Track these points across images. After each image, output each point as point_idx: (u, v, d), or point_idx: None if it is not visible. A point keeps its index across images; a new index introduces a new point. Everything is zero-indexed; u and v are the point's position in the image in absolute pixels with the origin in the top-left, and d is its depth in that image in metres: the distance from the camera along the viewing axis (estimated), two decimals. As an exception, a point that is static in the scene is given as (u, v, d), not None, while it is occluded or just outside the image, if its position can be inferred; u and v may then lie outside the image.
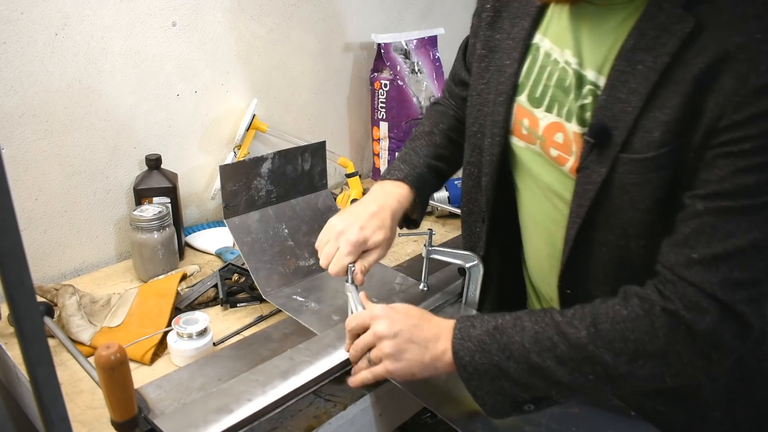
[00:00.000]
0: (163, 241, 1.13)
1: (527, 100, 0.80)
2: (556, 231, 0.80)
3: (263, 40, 1.42)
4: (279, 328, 0.95)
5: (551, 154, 0.77)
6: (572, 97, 0.74)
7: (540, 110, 0.78)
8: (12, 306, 0.38)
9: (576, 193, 0.74)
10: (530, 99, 0.80)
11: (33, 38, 1.06)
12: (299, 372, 0.81)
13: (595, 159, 0.70)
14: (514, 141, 0.84)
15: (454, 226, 1.42)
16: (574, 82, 0.73)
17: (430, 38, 1.72)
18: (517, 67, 0.81)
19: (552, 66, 0.77)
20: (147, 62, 1.22)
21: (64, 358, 0.92)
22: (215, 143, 1.40)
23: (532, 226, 0.88)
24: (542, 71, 0.78)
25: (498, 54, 0.84)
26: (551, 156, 0.77)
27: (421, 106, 1.64)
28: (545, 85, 0.77)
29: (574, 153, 0.74)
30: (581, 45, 0.73)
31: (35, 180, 1.13)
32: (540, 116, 0.78)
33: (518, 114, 0.82)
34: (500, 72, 0.83)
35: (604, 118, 0.69)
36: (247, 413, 0.73)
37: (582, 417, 0.79)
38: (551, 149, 0.77)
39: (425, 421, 1.64)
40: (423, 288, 1.01)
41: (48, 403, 0.42)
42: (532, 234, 0.88)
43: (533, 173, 0.82)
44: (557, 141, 0.76)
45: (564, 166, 0.76)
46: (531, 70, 0.80)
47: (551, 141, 0.77)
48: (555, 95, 0.76)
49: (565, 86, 0.75)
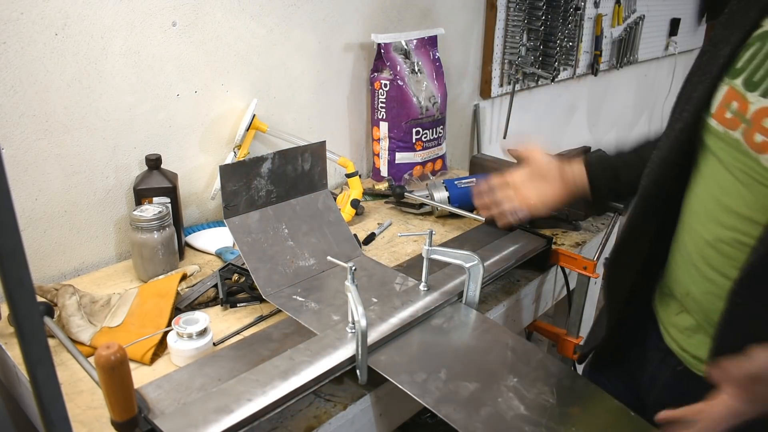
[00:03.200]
0: (163, 241, 1.13)
1: (742, 84, 0.76)
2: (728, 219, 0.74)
3: (263, 40, 1.42)
4: (279, 328, 0.95)
5: (755, 140, 0.73)
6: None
7: (754, 94, 0.74)
8: (12, 306, 0.38)
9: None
10: (746, 83, 0.76)
11: (33, 38, 1.06)
12: (299, 372, 0.80)
13: None
14: (712, 124, 0.79)
15: (454, 226, 1.42)
16: None
17: (430, 38, 1.72)
18: (731, 49, 0.77)
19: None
20: (147, 62, 1.22)
21: (64, 358, 0.92)
22: (215, 143, 1.40)
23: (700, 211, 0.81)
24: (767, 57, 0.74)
25: (719, 45, 0.81)
26: (754, 142, 0.73)
27: (421, 106, 1.64)
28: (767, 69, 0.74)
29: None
30: None
31: (35, 180, 1.13)
32: (753, 100, 0.74)
33: (728, 96, 0.78)
34: (715, 57, 0.80)
35: None
36: (247, 413, 0.73)
37: (582, 417, 0.79)
38: (756, 134, 0.73)
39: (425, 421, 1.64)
40: (423, 288, 1.01)
41: (48, 403, 0.42)
42: (693, 221, 0.82)
43: (722, 160, 0.78)
44: (765, 126, 0.72)
45: (765, 154, 0.71)
46: (755, 55, 0.76)
47: (759, 126, 0.72)
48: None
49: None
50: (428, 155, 1.71)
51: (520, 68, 2.22)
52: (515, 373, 0.85)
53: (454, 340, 0.94)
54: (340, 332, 0.89)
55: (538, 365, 0.88)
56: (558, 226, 1.42)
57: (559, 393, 0.82)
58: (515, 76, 2.24)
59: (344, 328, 0.89)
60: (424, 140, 1.68)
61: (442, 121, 1.73)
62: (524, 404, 0.80)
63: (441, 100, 1.71)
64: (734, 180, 0.76)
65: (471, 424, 0.76)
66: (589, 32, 2.56)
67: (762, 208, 0.71)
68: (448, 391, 0.81)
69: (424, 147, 1.69)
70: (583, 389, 0.85)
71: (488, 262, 1.11)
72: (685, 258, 0.84)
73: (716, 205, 0.78)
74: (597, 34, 2.61)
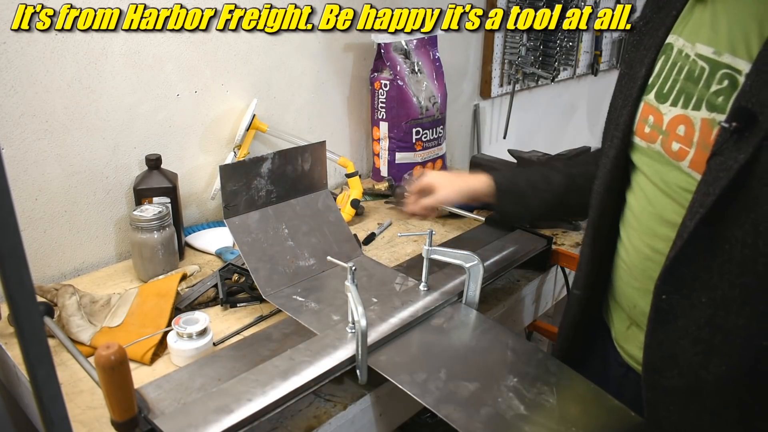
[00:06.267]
0: (163, 241, 1.13)
1: (655, 97, 0.80)
2: (661, 229, 0.78)
3: (263, 40, 1.42)
4: (279, 328, 0.95)
5: (672, 149, 0.76)
6: (702, 86, 0.73)
7: (666, 105, 0.77)
8: (12, 306, 0.38)
9: (703, 181, 0.70)
10: (658, 96, 0.79)
11: (33, 38, 1.06)
12: (299, 372, 0.80)
13: (733, 145, 0.66)
14: (636, 141, 0.83)
15: (454, 226, 1.42)
16: (708, 69, 0.72)
17: (430, 38, 1.72)
18: (647, 70, 0.81)
19: (683, 61, 0.76)
20: (147, 62, 1.22)
21: (64, 358, 0.92)
22: (215, 143, 1.40)
23: (636, 226, 0.85)
24: (673, 67, 0.78)
25: (635, 67, 0.85)
26: (672, 151, 0.76)
27: (421, 106, 1.64)
28: (674, 80, 0.77)
29: (695, 144, 0.72)
30: (718, 35, 0.72)
31: (35, 180, 1.13)
32: (665, 111, 0.77)
33: (644, 112, 0.81)
34: (633, 79, 0.84)
35: (748, 103, 0.66)
36: (247, 413, 0.73)
37: (582, 417, 0.79)
38: (673, 143, 0.76)
39: (425, 421, 1.64)
40: (423, 288, 1.01)
41: (48, 403, 0.42)
42: (631, 237, 0.86)
43: (647, 174, 0.81)
44: (679, 134, 0.75)
45: (683, 160, 0.74)
46: (662, 69, 0.80)
47: (674, 135, 0.76)
48: (683, 87, 0.75)
49: (693, 77, 0.74)
50: (428, 155, 1.71)
51: (520, 68, 2.22)
52: (515, 373, 0.85)
53: (454, 340, 0.94)
54: (340, 332, 0.89)
55: (539, 365, 0.88)
56: (558, 226, 1.42)
57: (559, 393, 0.82)
58: (515, 76, 2.24)
59: (344, 328, 0.89)
60: (424, 140, 1.68)
61: (442, 121, 1.73)
62: (524, 404, 0.80)
63: (441, 100, 1.71)
64: (660, 193, 0.79)
65: (471, 424, 0.76)
66: (589, 32, 2.56)
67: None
68: (448, 391, 0.81)
69: (424, 147, 1.69)
70: (583, 389, 0.85)
71: (488, 262, 1.11)
72: (628, 274, 0.87)
73: (649, 217, 0.81)
74: (597, 34, 2.61)
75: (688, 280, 0.73)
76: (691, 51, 0.76)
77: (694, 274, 0.72)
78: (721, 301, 0.70)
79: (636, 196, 0.85)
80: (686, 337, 0.74)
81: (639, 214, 0.84)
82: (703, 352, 0.74)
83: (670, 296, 0.75)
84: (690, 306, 0.72)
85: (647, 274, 0.80)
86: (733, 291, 0.69)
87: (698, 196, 0.70)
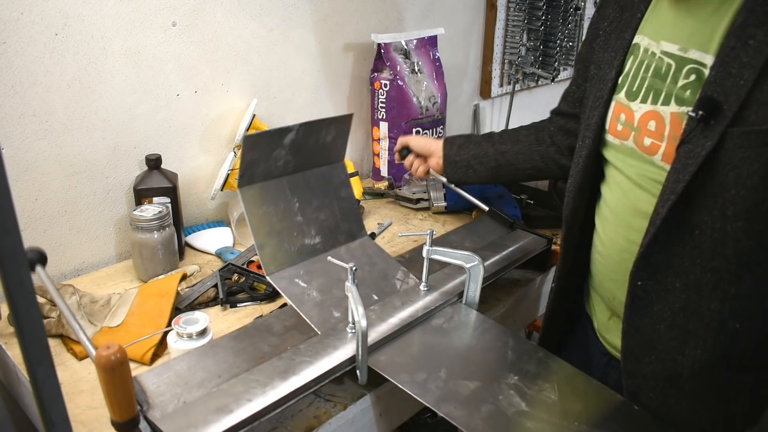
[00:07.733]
0: (163, 241, 1.13)
1: (625, 96, 0.82)
2: (636, 221, 0.80)
3: (263, 40, 1.42)
4: (280, 319, 0.94)
5: (644, 144, 0.78)
6: (669, 81, 0.75)
7: (636, 102, 0.80)
8: (12, 306, 0.38)
9: (673, 169, 0.72)
10: (628, 94, 0.82)
11: (33, 38, 1.06)
12: (299, 372, 0.80)
13: (700, 133, 0.69)
14: (609, 139, 0.85)
15: (454, 225, 1.42)
16: (674, 65, 0.74)
17: (430, 38, 1.72)
18: (616, 72, 0.84)
19: (649, 59, 0.79)
20: (147, 62, 1.22)
21: (64, 359, 0.92)
22: (215, 143, 1.40)
23: (612, 219, 0.87)
24: (641, 66, 0.80)
25: (604, 69, 0.88)
26: (644, 146, 0.78)
27: (421, 106, 1.64)
28: (642, 77, 0.79)
29: (666, 137, 0.74)
30: (682, 31, 0.74)
31: (35, 180, 1.13)
32: (635, 108, 0.80)
33: (616, 111, 0.84)
34: (603, 81, 0.87)
35: (713, 93, 0.68)
36: (247, 413, 0.73)
37: (584, 411, 0.79)
38: (645, 138, 0.78)
39: (425, 421, 1.64)
40: (423, 288, 1.01)
41: (48, 403, 0.42)
42: (607, 230, 0.88)
43: (621, 169, 0.83)
44: (650, 129, 0.77)
45: (656, 155, 0.76)
46: (631, 68, 0.82)
47: (645, 130, 0.78)
48: (651, 84, 0.78)
49: (661, 74, 0.76)
50: (428, 155, 1.71)
51: (520, 68, 2.22)
52: (516, 371, 0.85)
53: (454, 340, 0.94)
54: (341, 332, 0.89)
55: (539, 363, 0.88)
56: (558, 226, 1.42)
57: (560, 389, 0.82)
58: (515, 76, 2.24)
59: (344, 329, 0.89)
60: (424, 140, 1.68)
61: (442, 121, 1.73)
62: (525, 401, 0.80)
63: (441, 100, 1.71)
64: (634, 186, 0.81)
65: (472, 421, 0.76)
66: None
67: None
68: (449, 390, 0.81)
69: (424, 147, 1.69)
70: (585, 385, 0.85)
71: (488, 262, 1.11)
72: (605, 266, 0.90)
73: (624, 210, 0.83)
74: (597, 33, 2.61)
75: (662, 266, 0.75)
76: (657, 49, 0.78)
77: (667, 260, 0.74)
78: (693, 285, 0.72)
79: (611, 190, 0.87)
80: (662, 323, 0.77)
81: (614, 207, 0.86)
82: (679, 336, 0.76)
83: (645, 282, 0.77)
84: (665, 291, 0.74)
85: (624, 266, 0.82)
86: (704, 275, 0.71)
87: (669, 183, 0.72)
